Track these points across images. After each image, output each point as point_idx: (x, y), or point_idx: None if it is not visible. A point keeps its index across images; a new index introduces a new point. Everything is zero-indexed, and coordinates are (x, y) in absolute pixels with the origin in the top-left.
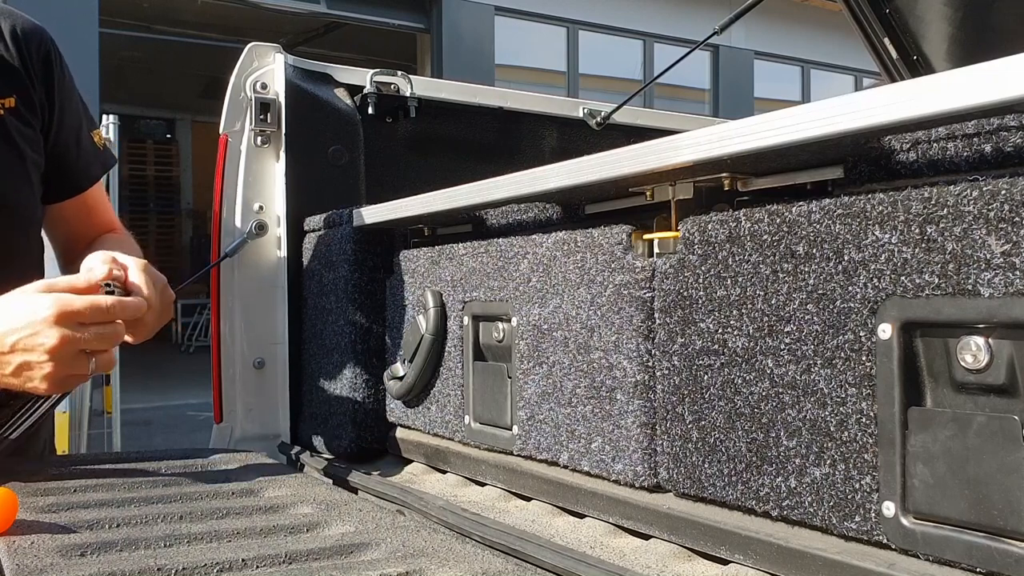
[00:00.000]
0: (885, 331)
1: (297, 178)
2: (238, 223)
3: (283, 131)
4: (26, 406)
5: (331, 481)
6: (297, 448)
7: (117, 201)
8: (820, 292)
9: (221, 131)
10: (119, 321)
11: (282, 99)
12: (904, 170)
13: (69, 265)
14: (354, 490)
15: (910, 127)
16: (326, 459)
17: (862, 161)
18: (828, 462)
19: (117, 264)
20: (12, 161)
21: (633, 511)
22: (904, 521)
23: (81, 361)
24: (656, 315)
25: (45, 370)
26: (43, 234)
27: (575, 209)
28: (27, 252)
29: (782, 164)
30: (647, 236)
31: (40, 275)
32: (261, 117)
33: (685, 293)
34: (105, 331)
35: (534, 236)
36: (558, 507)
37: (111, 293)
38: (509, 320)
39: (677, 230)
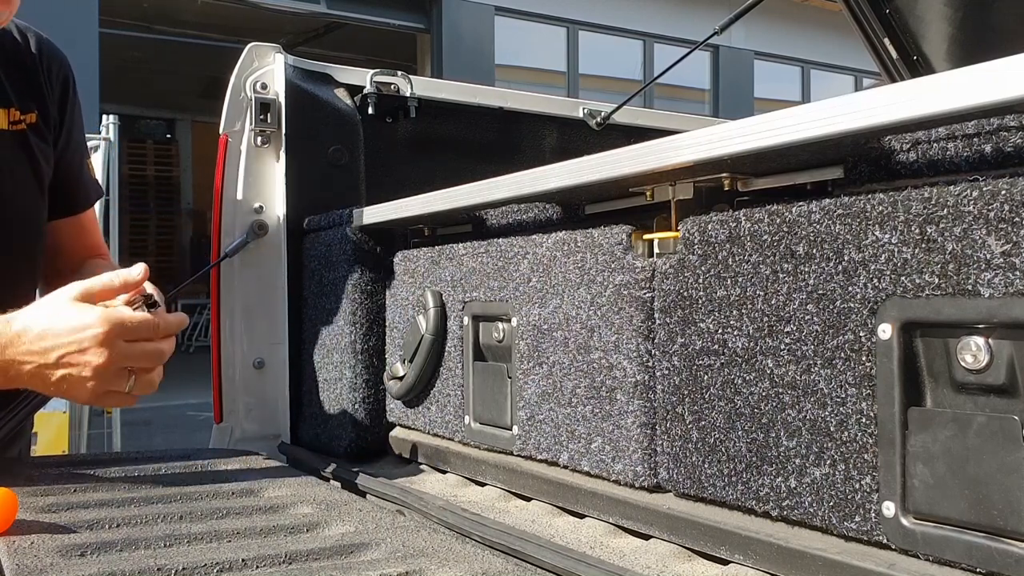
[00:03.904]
0: (885, 331)
1: (297, 178)
2: (238, 223)
3: (283, 131)
4: (7, 410)
5: (331, 481)
6: (297, 448)
7: (117, 201)
8: (820, 292)
9: (221, 131)
10: (163, 340)
11: (282, 99)
12: (904, 170)
13: (50, 282)
14: (354, 490)
15: (910, 127)
16: (326, 459)
17: (862, 161)
18: (828, 462)
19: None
20: (30, 176)
21: (633, 511)
22: (904, 521)
23: (121, 378)
24: (656, 315)
25: (88, 386)
26: None
27: (575, 209)
28: (34, 266)
29: (782, 164)
30: (647, 236)
31: (34, 290)
32: (261, 117)
33: (685, 293)
34: (149, 348)
35: (534, 236)
36: (558, 507)
37: (152, 306)
38: (509, 320)
39: (677, 230)
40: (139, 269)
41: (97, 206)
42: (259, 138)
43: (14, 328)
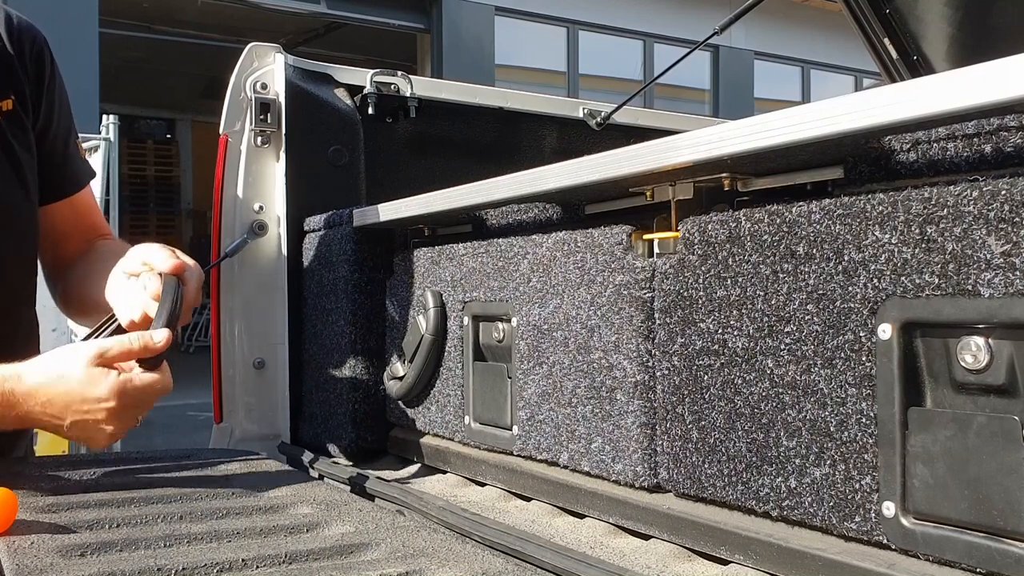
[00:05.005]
0: (885, 331)
1: (297, 178)
2: (238, 223)
3: (283, 131)
4: None
5: (331, 481)
6: (297, 448)
7: (117, 201)
8: (820, 292)
9: (221, 131)
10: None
11: (282, 99)
12: (904, 170)
13: (58, 270)
14: (354, 490)
15: (910, 127)
16: (326, 459)
17: (862, 161)
18: (828, 462)
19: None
20: (7, 167)
21: (633, 511)
22: (904, 521)
23: (131, 424)
24: (656, 315)
25: (102, 441)
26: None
27: (575, 209)
28: (25, 259)
29: (782, 164)
30: (647, 236)
31: (34, 281)
32: (261, 117)
33: (685, 293)
34: (153, 399)
35: (534, 236)
36: (558, 507)
37: (154, 366)
38: (509, 320)
39: (677, 230)
40: (162, 336)
41: (96, 202)
42: (259, 138)
43: (26, 383)
